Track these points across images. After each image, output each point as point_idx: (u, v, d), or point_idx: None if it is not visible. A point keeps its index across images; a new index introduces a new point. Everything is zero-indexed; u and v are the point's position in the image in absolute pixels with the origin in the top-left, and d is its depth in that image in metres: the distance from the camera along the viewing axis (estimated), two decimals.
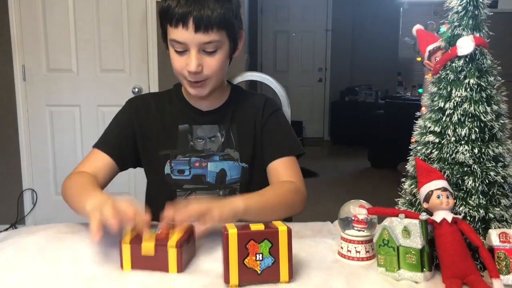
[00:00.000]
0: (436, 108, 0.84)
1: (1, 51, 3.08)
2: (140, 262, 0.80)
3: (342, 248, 0.87)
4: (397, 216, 0.79)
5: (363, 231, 0.86)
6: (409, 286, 0.76)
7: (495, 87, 0.82)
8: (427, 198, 0.78)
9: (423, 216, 0.77)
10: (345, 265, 0.84)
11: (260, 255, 0.76)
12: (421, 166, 0.82)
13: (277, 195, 1.10)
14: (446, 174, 0.81)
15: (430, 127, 0.84)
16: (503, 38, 3.32)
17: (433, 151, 0.83)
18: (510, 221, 0.80)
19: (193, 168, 1.19)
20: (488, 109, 0.80)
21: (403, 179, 0.89)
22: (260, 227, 0.77)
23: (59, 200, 3.85)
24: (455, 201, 0.79)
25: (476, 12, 0.81)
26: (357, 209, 0.85)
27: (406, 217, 0.79)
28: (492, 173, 0.79)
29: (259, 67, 7.03)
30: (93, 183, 1.08)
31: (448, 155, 0.81)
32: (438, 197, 0.77)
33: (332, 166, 5.51)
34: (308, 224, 1.06)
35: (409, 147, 0.89)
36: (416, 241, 0.77)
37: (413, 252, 0.77)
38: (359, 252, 0.85)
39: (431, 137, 0.83)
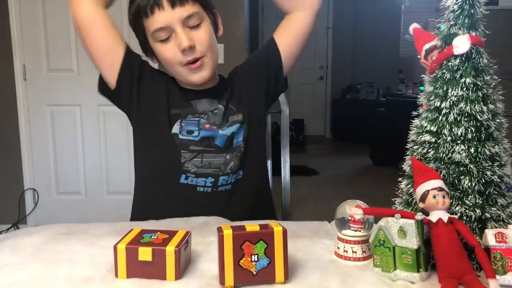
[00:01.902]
0: (432, 107, 0.83)
1: (2, 51, 3.09)
2: (136, 268, 0.78)
3: (338, 248, 0.87)
4: (393, 216, 0.79)
5: (360, 231, 0.86)
6: (405, 286, 0.76)
7: (491, 86, 0.81)
8: (423, 198, 0.78)
9: (419, 216, 0.77)
10: (341, 266, 0.84)
11: (256, 256, 0.75)
12: (417, 166, 0.82)
13: None
14: (442, 173, 0.81)
15: (426, 126, 0.83)
16: (504, 35, 3.31)
17: (429, 150, 0.83)
18: (507, 221, 0.80)
19: (202, 129, 1.16)
20: (485, 108, 0.80)
21: (399, 179, 0.89)
22: (255, 228, 0.76)
23: (61, 200, 3.86)
24: (451, 201, 0.79)
25: (472, 11, 0.80)
26: (353, 209, 0.85)
27: (402, 217, 0.78)
28: (488, 173, 0.79)
29: None
30: None
31: (444, 155, 0.81)
32: (434, 197, 0.77)
33: (333, 164, 5.51)
34: (305, 224, 1.06)
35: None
36: (412, 241, 0.76)
37: (409, 252, 0.77)
38: (355, 252, 0.85)
39: (427, 137, 0.83)
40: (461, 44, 0.79)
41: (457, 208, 0.79)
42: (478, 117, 0.79)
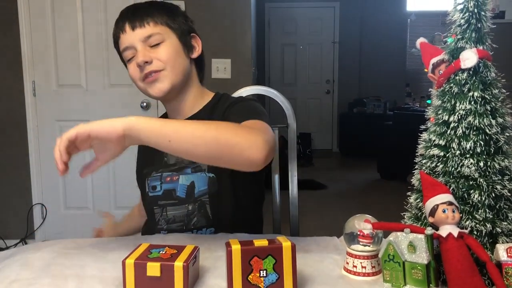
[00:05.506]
0: (440, 121, 0.83)
1: (12, 67, 3.13)
2: (144, 284, 0.78)
3: (347, 263, 0.86)
4: (402, 230, 0.78)
5: (369, 246, 0.85)
6: None
7: (499, 99, 0.81)
8: (433, 212, 0.78)
9: (429, 230, 0.76)
10: (351, 281, 0.83)
11: (264, 271, 0.75)
12: (426, 180, 0.81)
13: (207, 127, 0.89)
14: (451, 188, 0.80)
15: (434, 140, 0.83)
16: (511, 48, 3.30)
17: (438, 164, 0.82)
18: None
19: (164, 183, 1.20)
20: (493, 122, 0.79)
21: (408, 193, 0.88)
22: (264, 243, 0.76)
23: (69, 215, 3.85)
24: (461, 215, 0.78)
25: (479, 25, 0.80)
26: (362, 224, 0.84)
27: (412, 231, 0.78)
28: (498, 187, 0.78)
29: (267, 80, 7.06)
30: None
31: (453, 169, 0.80)
32: (444, 211, 0.76)
33: (341, 178, 5.49)
34: (314, 239, 1.05)
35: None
36: (422, 256, 0.76)
37: (419, 267, 0.76)
38: (364, 267, 0.84)
39: (436, 151, 0.82)
40: (469, 58, 0.79)
41: (467, 223, 0.78)
42: (487, 130, 0.79)
